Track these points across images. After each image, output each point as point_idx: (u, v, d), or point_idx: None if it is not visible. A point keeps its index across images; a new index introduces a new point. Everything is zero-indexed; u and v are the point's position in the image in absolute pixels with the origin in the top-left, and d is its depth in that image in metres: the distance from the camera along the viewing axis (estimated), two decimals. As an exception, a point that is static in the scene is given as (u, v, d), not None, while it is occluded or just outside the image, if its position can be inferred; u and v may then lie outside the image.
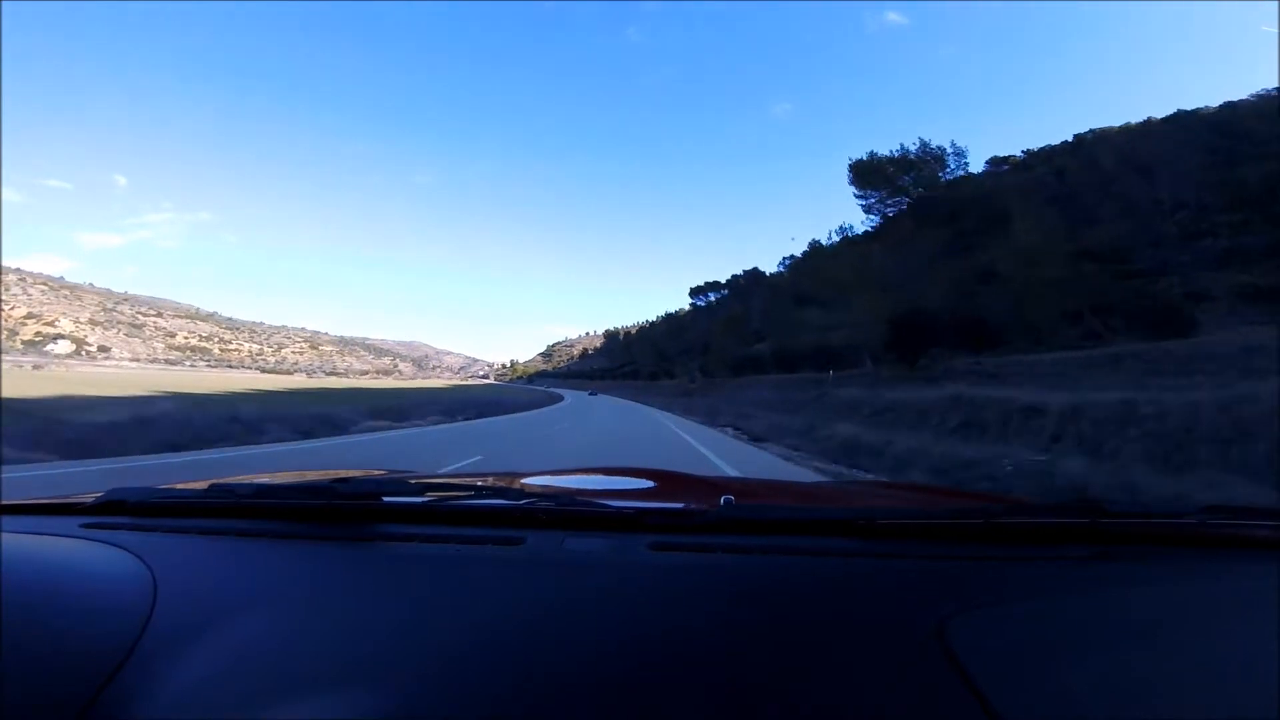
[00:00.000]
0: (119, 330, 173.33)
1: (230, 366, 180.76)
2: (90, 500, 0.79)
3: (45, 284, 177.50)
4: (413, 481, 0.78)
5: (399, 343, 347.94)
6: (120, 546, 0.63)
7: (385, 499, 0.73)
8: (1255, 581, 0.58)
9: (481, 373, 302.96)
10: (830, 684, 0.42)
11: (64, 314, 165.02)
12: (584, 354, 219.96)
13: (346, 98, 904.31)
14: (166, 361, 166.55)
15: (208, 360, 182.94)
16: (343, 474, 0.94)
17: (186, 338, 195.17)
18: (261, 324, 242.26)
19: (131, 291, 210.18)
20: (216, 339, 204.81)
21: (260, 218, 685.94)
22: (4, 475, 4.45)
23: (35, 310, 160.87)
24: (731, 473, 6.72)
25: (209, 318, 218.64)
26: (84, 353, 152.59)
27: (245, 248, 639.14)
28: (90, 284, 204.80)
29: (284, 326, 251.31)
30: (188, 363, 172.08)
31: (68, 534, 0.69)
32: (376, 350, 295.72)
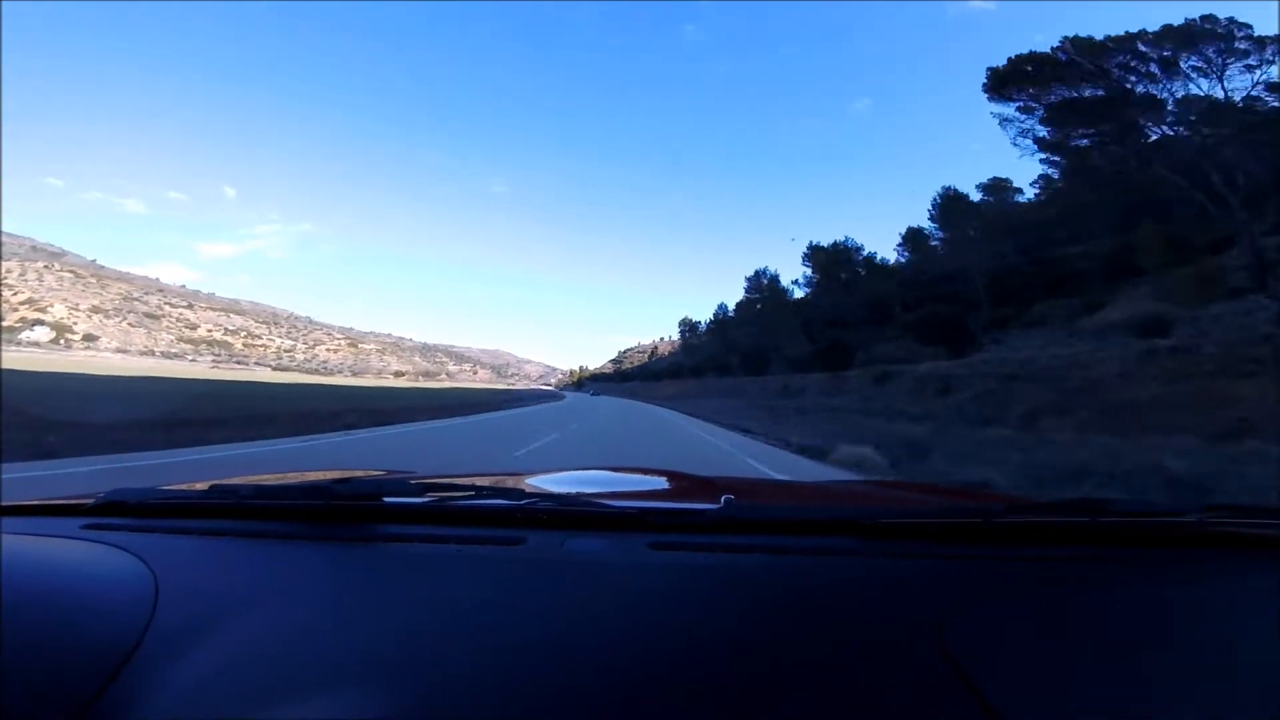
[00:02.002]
0: (123, 319, 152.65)
1: (239, 363, 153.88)
2: (91, 501, 0.79)
3: (71, 271, 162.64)
4: (413, 482, 0.78)
5: (483, 350, 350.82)
6: (121, 547, 0.63)
7: (386, 499, 0.73)
8: (1255, 580, 0.58)
9: (553, 380, 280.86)
10: (830, 683, 0.42)
11: (64, 300, 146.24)
12: (653, 354, 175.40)
13: (424, 107, 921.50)
14: (163, 354, 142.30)
15: (216, 354, 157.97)
16: (343, 474, 0.94)
17: (210, 331, 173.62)
18: (306, 319, 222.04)
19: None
20: (245, 333, 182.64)
21: (355, 229, 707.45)
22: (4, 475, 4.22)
23: (36, 296, 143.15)
24: None
25: (245, 312, 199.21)
26: (62, 340, 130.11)
27: (344, 259, 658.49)
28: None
29: (324, 324, 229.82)
30: (190, 356, 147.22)
31: (68, 535, 0.69)
32: (459, 357, 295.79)
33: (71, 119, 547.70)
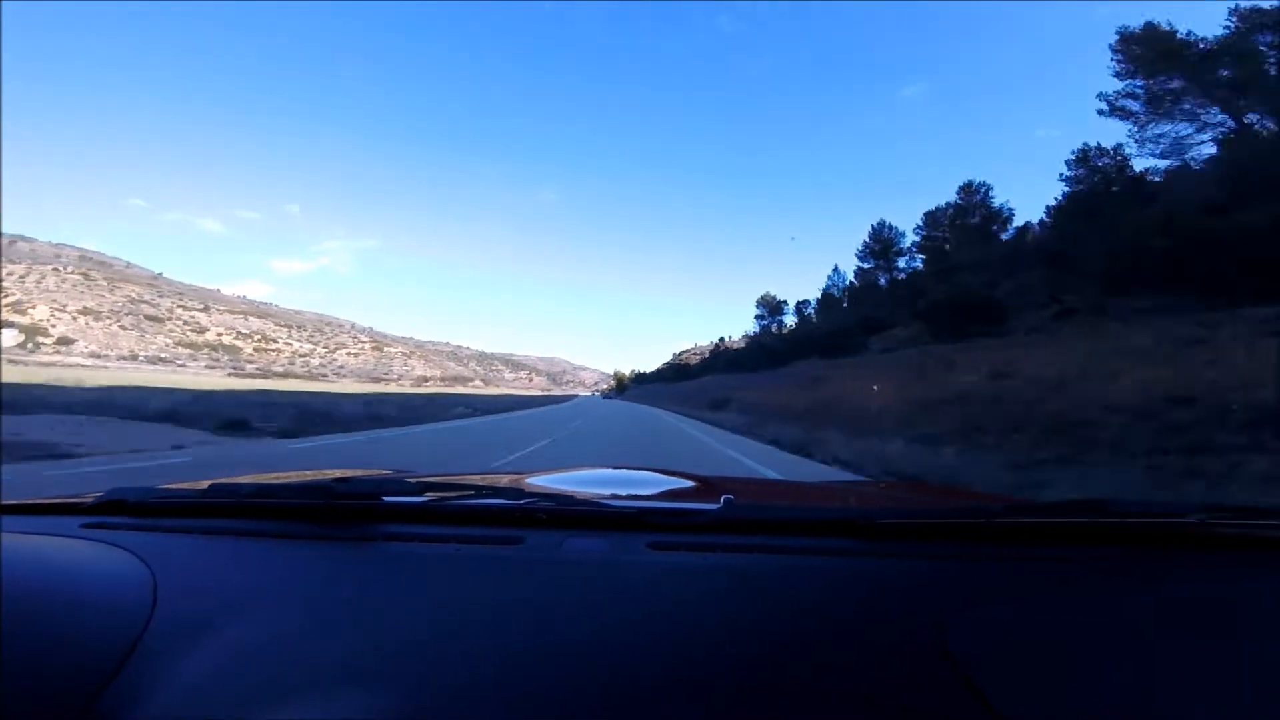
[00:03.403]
0: (115, 322, 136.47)
1: (234, 369, 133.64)
2: (90, 500, 0.78)
3: (82, 273, 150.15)
4: (413, 481, 0.77)
5: (540, 359, 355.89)
6: (120, 546, 0.62)
7: (385, 499, 0.72)
8: (1257, 581, 0.57)
9: (604, 386, 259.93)
10: (830, 684, 0.41)
11: (53, 302, 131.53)
12: (715, 352, 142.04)
13: (471, 117, 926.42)
14: (148, 359, 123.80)
15: (215, 359, 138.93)
16: (343, 474, 0.93)
17: (220, 335, 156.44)
18: (368, 329, 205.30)
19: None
20: (260, 336, 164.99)
21: (415, 243, 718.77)
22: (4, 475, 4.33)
23: (24, 298, 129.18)
24: None
25: (268, 314, 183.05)
26: (30, 344, 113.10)
27: (407, 273, 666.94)
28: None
29: (390, 335, 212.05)
30: (180, 361, 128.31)
31: (68, 534, 0.68)
32: (516, 365, 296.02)
33: (150, 139, 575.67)
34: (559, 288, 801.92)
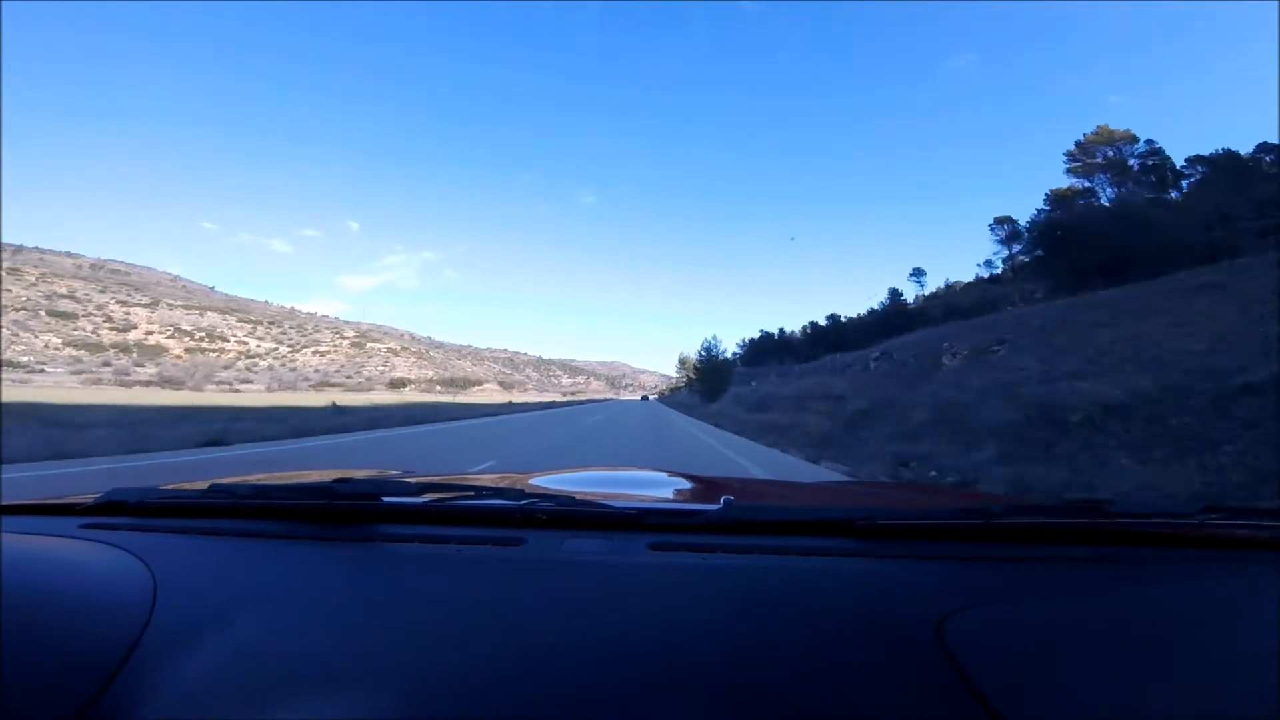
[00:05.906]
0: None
1: (120, 375, 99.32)
2: (90, 500, 0.78)
3: (11, 269, 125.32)
4: (413, 482, 0.77)
5: (600, 364, 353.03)
6: (120, 547, 0.62)
7: (385, 499, 0.72)
8: (1255, 581, 0.57)
9: (663, 387, 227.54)
10: (830, 684, 0.41)
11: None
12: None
13: (510, 126, 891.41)
14: (6, 364, 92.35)
15: (109, 363, 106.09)
16: (343, 474, 0.92)
17: (148, 333, 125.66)
18: (395, 330, 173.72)
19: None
20: (205, 334, 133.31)
21: (471, 255, 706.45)
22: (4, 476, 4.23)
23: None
24: None
25: (233, 309, 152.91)
26: None
27: (466, 284, 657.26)
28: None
29: (404, 333, 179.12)
30: (44, 366, 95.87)
31: (67, 534, 0.68)
32: (575, 370, 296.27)
33: (213, 163, 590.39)
34: (616, 296, 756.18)
